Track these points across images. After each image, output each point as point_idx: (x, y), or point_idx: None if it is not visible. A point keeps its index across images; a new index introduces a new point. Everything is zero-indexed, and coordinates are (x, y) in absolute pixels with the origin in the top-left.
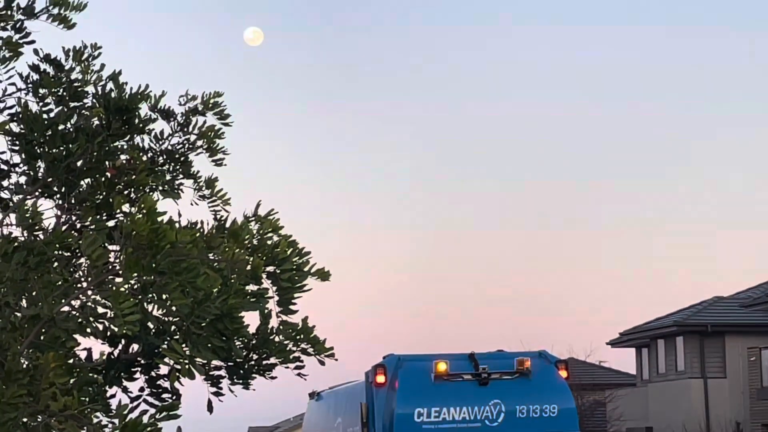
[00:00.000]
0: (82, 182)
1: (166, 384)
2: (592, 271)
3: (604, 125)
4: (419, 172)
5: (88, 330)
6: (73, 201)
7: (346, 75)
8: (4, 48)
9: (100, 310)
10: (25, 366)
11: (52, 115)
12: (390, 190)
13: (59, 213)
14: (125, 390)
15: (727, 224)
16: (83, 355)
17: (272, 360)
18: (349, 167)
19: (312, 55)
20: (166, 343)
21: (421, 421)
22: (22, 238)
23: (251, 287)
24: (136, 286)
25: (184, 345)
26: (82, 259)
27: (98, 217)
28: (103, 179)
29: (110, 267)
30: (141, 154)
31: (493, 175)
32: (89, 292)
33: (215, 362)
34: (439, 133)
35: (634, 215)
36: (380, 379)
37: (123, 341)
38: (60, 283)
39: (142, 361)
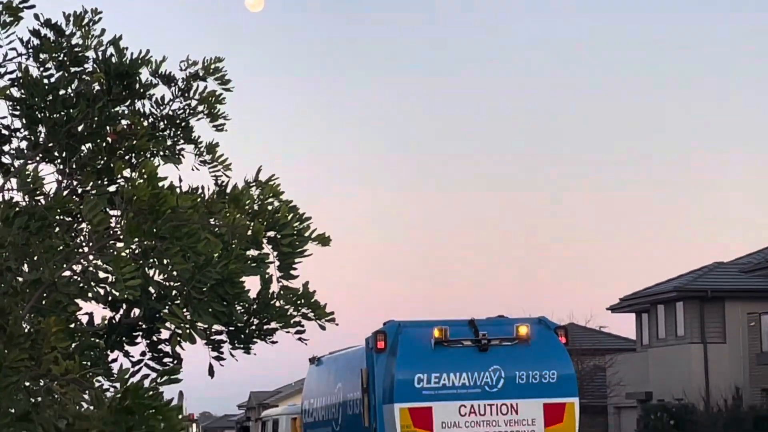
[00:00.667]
0: (82, 147)
1: (168, 348)
2: (593, 237)
3: (605, 86)
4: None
5: (90, 294)
6: (74, 166)
7: (347, 40)
8: (4, 13)
9: (102, 274)
10: (26, 330)
11: (52, 80)
12: (391, 155)
13: (60, 178)
14: (127, 354)
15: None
16: (85, 319)
17: (273, 325)
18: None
19: (313, 21)
20: (167, 307)
21: (421, 386)
22: (24, 203)
23: (252, 252)
24: (137, 251)
25: (185, 310)
26: (84, 224)
27: (99, 182)
28: (104, 144)
29: (111, 232)
30: (142, 119)
31: (493, 139)
32: (90, 257)
33: (216, 327)
34: (441, 96)
35: (636, 181)
36: (380, 345)
37: (124, 306)
38: (61, 247)
39: (144, 326)
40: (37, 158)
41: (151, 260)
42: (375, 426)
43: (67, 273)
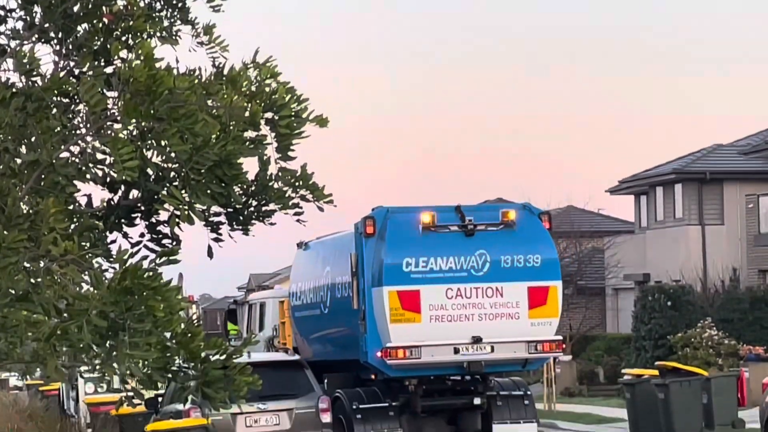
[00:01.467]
0: (79, 28)
1: (166, 230)
2: (592, 119)
3: None
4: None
5: (88, 176)
6: (70, 47)
7: None
8: None
9: (99, 156)
10: (25, 211)
11: None
12: (389, 36)
13: (57, 59)
14: (125, 236)
15: (727, 71)
16: (83, 201)
17: (271, 206)
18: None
19: None
20: (165, 189)
21: (409, 270)
22: (20, 84)
23: (249, 134)
24: (134, 133)
25: (183, 191)
26: (81, 106)
27: (96, 63)
28: (100, 25)
29: (108, 113)
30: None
31: (492, 18)
32: (88, 138)
33: (214, 208)
34: None
35: (635, 62)
36: (369, 230)
37: (122, 187)
38: (58, 129)
39: (142, 207)
40: (33, 39)
41: (149, 142)
42: (364, 308)
43: (65, 154)
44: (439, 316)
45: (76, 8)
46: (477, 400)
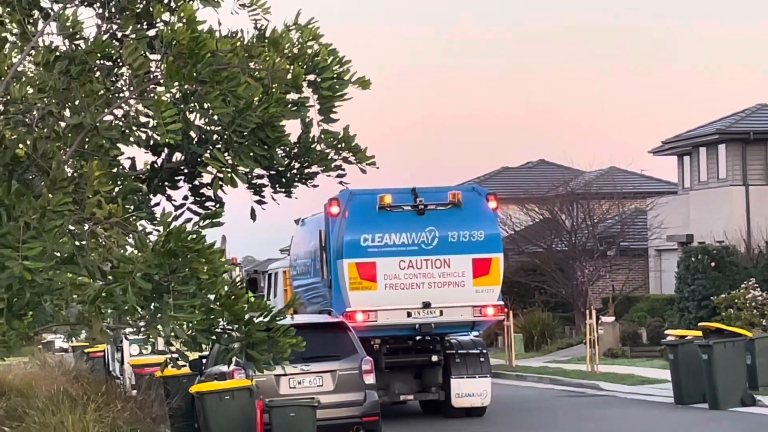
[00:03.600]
0: None
1: (210, 192)
2: (635, 79)
3: None
4: None
5: (131, 139)
6: (113, 10)
7: None
8: None
9: (143, 119)
10: (69, 174)
11: None
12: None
13: (99, 22)
14: (169, 198)
15: None
16: (127, 163)
17: (314, 168)
18: None
19: None
20: (208, 151)
21: (366, 245)
22: (64, 48)
23: (292, 96)
24: (177, 95)
25: (226, 154)
26: (124, 69)
27: (138, 26)
28: None
29: (151, 76)
30: None
31: None
32: (131, 101)
33: (257, 171)
34: None
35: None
36: (334, 210)
37: (166, 150)
38: (102, 92)
39: (185, 170)
40: (76, 2)
41: (192, 104)
42: (330, 278)
43: (109, 117)
44: (393, 284)
45: None
46: (434, 357)
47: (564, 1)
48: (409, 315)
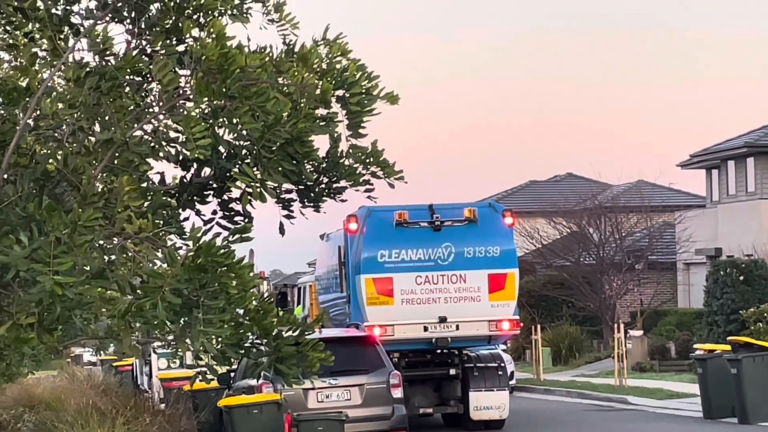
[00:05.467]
0: (151, 7)
1: (239, 207)
2: (664, 94)
3: None
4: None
5: (161, 154)
6: (142, 26)
7: None
8: None
9: (172, 134)
10: (99, 189)
11: None
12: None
13: (129, 38)
14: (198, 213)
15: None
16: (156, 178)
17: (342, 183)
18: None
19: None
20: (237, 166)
21: (383, 261)
22: (94, 64)
23: (320, 111)
24: (206, 111)
25: (255, 169)
26: (153, 84)
27: (168, 42)
28: (171, 4)
29: (181, 92)
30: None
31: None
32: (161, 117)
33: (286, 185)
34: None
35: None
36: (352, 226)
37: (195, 165)
38: (132, 107)
39: (214, 185)
40: (107, 19)
41: (221, 119)
42: (349, 293)
43: (139, 132)
44: (409, 299)
45: None
46: (452, 371)
47: (596, 16)
48: (425, 329)
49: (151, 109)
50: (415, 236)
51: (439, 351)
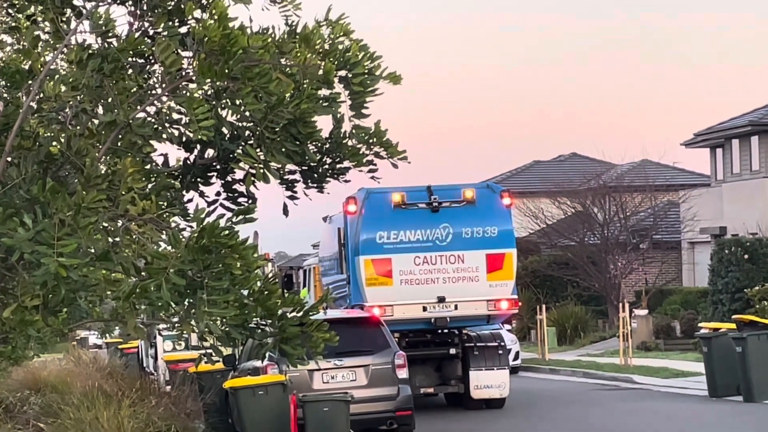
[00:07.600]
0: None
1: (242, 188)
2: (668, 71)
3: None
4: None
5: (164, 136)
6: (144, 7)
7: None
8: None
9: (175, 116)
10: (103, 171)
11: None
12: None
13: (131, 20)
14: (202, 194)
15: None
16: (160, 160)
17: (345, 163)
18: None
19: None
20: (240, 147)
21: (382, 242)
22: (96, 46)
23: (323, 92)
24: (209, 92)
25: (258, 150)
26: (156, 66)
27: (170, 23)
28: None
29: (184, 73)
30: None
31: None
32: (164, 98)
33: (289, 166)
34: None
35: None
36: (351, 208)
37: (198, 146)
38: (135, 89)
39: (218, 166)
40: (109, 0)
41: (224, 101)
42: (349, 274)
43: (142, 114)
44: (408, 280)
45: None
46: (452, 350)
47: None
48: (424, 309)
49: (153, 91)
50: (413, 217)
51: (439, 331)
